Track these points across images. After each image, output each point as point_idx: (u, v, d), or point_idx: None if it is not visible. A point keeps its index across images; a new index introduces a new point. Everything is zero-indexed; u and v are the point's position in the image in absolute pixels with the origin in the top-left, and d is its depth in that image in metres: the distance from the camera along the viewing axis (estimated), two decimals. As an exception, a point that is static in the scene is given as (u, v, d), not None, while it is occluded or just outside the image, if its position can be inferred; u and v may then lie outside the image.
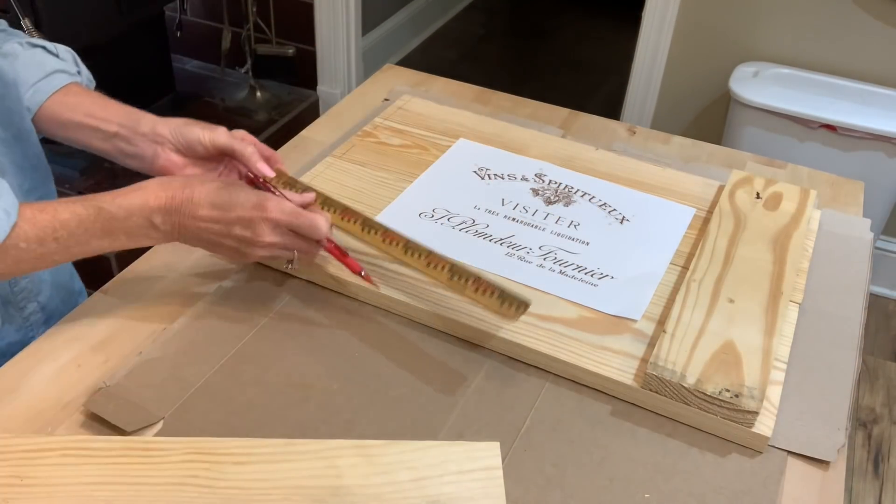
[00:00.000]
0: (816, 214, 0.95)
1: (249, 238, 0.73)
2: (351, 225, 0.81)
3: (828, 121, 1.72)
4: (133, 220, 0.72)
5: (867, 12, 1.80)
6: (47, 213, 0.70)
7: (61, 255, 0.71)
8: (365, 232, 0.80)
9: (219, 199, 0.72)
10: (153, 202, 0.72)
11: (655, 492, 0.65)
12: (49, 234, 0.69)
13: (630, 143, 1.10)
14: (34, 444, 0.64)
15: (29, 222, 0.69)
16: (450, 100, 1.16)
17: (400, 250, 0.78)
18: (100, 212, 0.71)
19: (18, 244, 0.68)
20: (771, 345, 0.74)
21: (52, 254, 0.70)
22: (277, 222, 0.73)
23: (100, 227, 0.71)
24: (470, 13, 3.44)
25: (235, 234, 0.73)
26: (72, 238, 0.70)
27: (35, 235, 0.69)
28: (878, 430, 1.78)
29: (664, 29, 1.98)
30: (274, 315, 0.79)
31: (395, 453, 0.64)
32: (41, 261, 0.71)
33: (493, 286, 0.73)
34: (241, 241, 0.73)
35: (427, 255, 0.77)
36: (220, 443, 0.65)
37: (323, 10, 2.42)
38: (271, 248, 0.75)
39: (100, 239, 0.71)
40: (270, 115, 2.43)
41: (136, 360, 0.74)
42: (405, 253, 0.78)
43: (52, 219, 0.69)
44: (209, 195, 0.73)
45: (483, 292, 0.73)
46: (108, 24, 2.07)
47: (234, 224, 0.73)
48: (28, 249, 0.69)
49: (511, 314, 0.72)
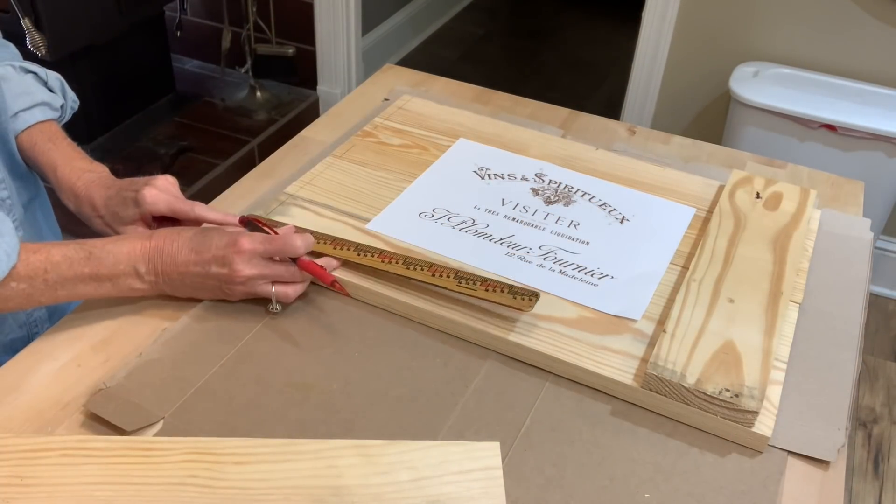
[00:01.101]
0: (816, 214, 0.95)
1: (227, 275, 0.75)
2: (345, 252, 0.82)
3: (828, 121, 1.72)
4: (119, 268, 0.74)
5: (867, 12, 1.80)
6: (41, 255, 0.72)
7: (47, 297, 0.73)
8: (361, 256, 0.81)
9: (195, 242, 0.75)
10: (139, 250, 0.75)
11: (655, 492, 0.65)
12: (40, 274, 0.72)
13: (630, 143, 1.10)
14: (34, 444, 0.64)
15: (23, 263, 0.71)
16: (450, 100, 1.16)
17: (401, 267, 0.80)
18: (90, 256, 0.73)
19: (10, 283, 0.71)
20: (771, 345, 0.74)
21: (39, 294, 0.73)
22: (252, 253, 0.75)
23: (88, 272, 0.73)
24: (470, 13, 3.44)
25: (213, 272, 0.75)
26: (59, 280, 0.72)
27: (26, 275, 0.71)
28: (878, 430, 1.78)
29: (664, 29, 1.98)
30: (274, 315, 0.79)
31: (395, 453, 0.64)
32: (27, 300, 0.73)
33: (503, 283, 0.77)
34: (220, 279, 0.76)
35: (430, 267, 0.79)
36: (220, 443, 0.65)
37: (323, 10, 2.42)
38: (251, 283, 0.76)
39: (85, 284, 0.74)
40: (270, 114, 2.43)
41: (137, 361, 0.74)
42: (407, 269, 0.80)
43: (45, 260, 0.72)
44: (188, 241, 0.76)
45: (494, 290, 0.77)
46: (108, 24, 2.07)
47: (211, 263, 0.75)
48: (17, 289, 0.71)
49: (525, 305, 0.75)
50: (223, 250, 0.75)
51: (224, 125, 2.37)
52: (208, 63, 2.62)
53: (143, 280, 0.76)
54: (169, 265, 0.75)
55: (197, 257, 0.75)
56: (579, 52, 3.21)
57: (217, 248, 0.75)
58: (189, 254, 0.75)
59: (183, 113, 2.39)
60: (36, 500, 0.60)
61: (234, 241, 0.75)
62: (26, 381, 0.72)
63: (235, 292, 0.77)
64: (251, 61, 2.50)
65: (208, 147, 2.26)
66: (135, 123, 2.30)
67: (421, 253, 0.85)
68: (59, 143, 0.89)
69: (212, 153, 2.24)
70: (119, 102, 2.26)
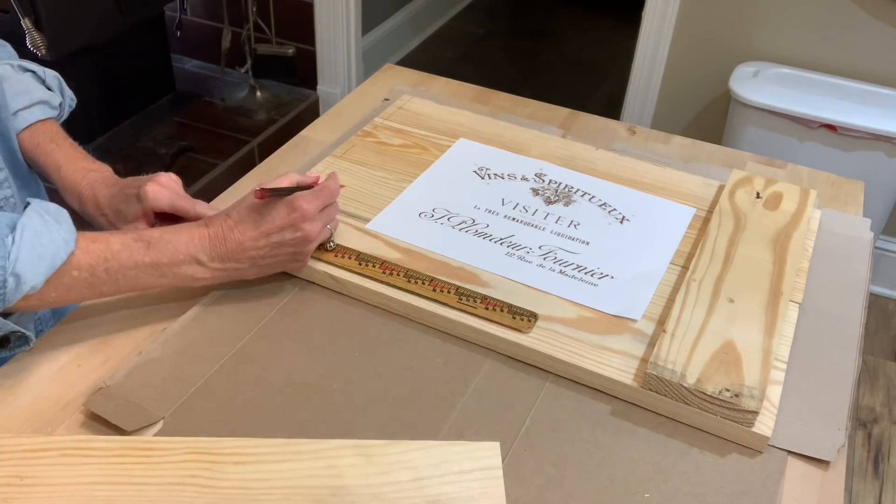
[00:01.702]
0: (816, 214, 0.95)
1: (301, 238, 0.77)
2: (347, 261, 0.83)
3: (828, 121, 1.72)
4: (179, 257, 0.74)
5: (867, 12, 1.80)
6: (100, 243, 0.71)
7: (109, 287, 0.73)
8: (363, 266, 0.82)
9: (254, 220, 0.76)
10: (197, 239, 0.75)
11: (655, 492, 0.65)
12: (100, 263, 0.71)
13: (630, 143, 1.10)
14: (34, 444, 0.64)
15: (82, 251, 0.70)
16: (450, 100, 1.16)
17: (402, 280, 0.81)
18: (149, 246, 0.73)
19: (71, 272, 0.69)
20: (771, 345, 0.74)
21: (101, 284, 0.72)
22: (314, 212, 0.77)
23: (148, 261, 0.73)
24: (470, 13, 3.44)
25: (287, 239, 0.76)
26: (121, 270, 0.72)
27: (87, 264, 0.70)
28: (878, 430, 1.78)
29: (664, 29, 1.98)
30: (274, 315, 0.79)
31: (395, 453, 0.64)
32: (90, 289, 0.72)
33: (502, 303, 0.78)
34: (294, 244, 0.77)
35: (431, 281, 0.80)
36: (220, 443, 0.65)
37: (323, 10, 2.42)
38: (320, 236, 0.80)
39: (146, 274, 0.73)
40: (270, 114, 2.43)
41: (136, 360, 0.74)
42: (408, 282, 0.80)
43: (105, 248, 0.71)
44: (246, 219, 0.76)
45: (494, 309, 0.78)
46: (108, 24, 2.07)
47: (282, 231, 0.76)
48: (79, 278, 0.70)
49: (524, 325, 0.76)
50: (288, 218, 0.76)
51: (224, 125, 2.37)
52: (208, 63, 2.62)
53: (205, 268, 0.75)
54: (235, 247, 0.75)
55: (265, 230, 0.75)
56: (579, 52, 3.21)
57: (281, 218, 0.76)
58: (254, 231, 0.75)
59: (183, 113, 2.39)
60: (36, 500, 0.60)
61: (295, 207, 0.76)
62: (26, 381, 0.72)
63: (307, 252, 0.79)
64: (251, 61, 2.50)
65: (208, 147, 2.26)
66: (135, 123, 2.30)
67: (421, 254, 0.85)
68: (62, 144, 0.89)
69: (212, 153, 2.24)
70: (119, 102, 2.26)
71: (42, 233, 0.67)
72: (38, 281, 0.67)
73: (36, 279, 0.66)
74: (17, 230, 0.66)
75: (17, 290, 0.66)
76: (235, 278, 0.78)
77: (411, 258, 0.84)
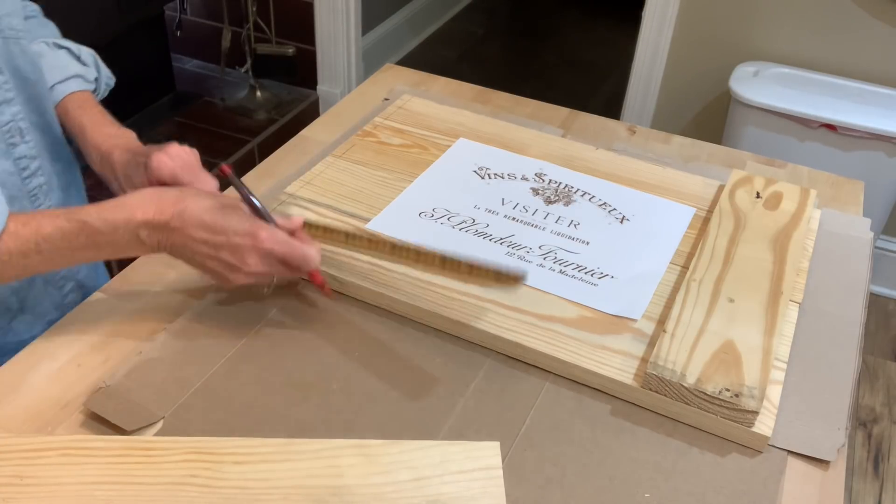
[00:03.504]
0: (816, 214, 0.95)
1: (235, 265, 0.72)
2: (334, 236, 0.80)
3: (828, 120, 1.72)
4: (118, 234, 0.71)
5: (867, 12, 1.80)
6: (30, 228, 0.70)
7: (45, 266, 0.73)
8: (350, 241, 0.79)
9: (211, 220, 0.71)
10: (139, 216, 0.71)
11: (655, 491, 0.65)
12: (32, 248, 0.70)
13: (630, 142, 1.10)
14: (34, 444, 0.64)
15: (11, 236, 0.69)
16: (450, 99, 1.16)
17: (387, 250, 0.77)
18: (83, 226, 0.70)
19: (1, 257, 0.69)
20: (771, 344, 0.74)
21: (35, 265, 0.72)
22: (270, 253, 0.72)
23: (83, 241, 0.71)
24: (470, 13, 3.44)
25: (223, 258, 0.72)
26: (55, 251, 0.71)
27: (17, 249, 0.70)
28: (878, 430, 1.78)
29: (664, 29, 1.98)
30: (274, 315, 0.79)
31: (395, 453, 0.64)
32: (24, 271, 0.72)
33: (486, 264, 0.73)
34: (226, 265, 0.72)
35: (415, 250, 0.75)
36: (220, 443, 0.65)
37: (323, 10, 2.42)
38: (255, 277, 0.74)
39: (84, 251, 0.72)
40: (270, 114, 2.43)
41: (136, 360, 0.74)
42: (392, 253, 0.77)
43: (35, 233, 0.70)
44: (202, 214, 0.71)
45: (478, 271, 0.73)
46: (108, 24, 2.07)
47: (223, 248, 0.71)
48: (10, 262, 0.70)
49: (510, 282, 0.73)
50: (241, 238, 0.71)
51: (224, 125, 2.37)
52: (208, 63, 2.62)
53: (144, 245, 0.72)
54: (176, 234, 0.71)
55: (209, 236, 0.71)
56: (579, 52, 3.21)
57: (234, 235, 0.71)
58: (200, 230, 0.71)
59: (183, 113, 2.39)
60: (36, 500, 0.60)
61: (254, 233, 0.71)
62: (26, 381, 0.72)
63: (236, 280, 0.74)
64: (251, 61, 2.50)
65: (208, 147, 2.26)
66: (135, 123, 2.28)
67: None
68: (90, 109, 0.90)
69: (212, 153, 2.24)
70: (119, 102, 2.25)
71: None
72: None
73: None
74: None
75: None
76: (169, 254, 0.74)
77: (411, 258, 0.84)
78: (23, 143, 0.81)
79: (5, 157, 0.78)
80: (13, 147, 0.79)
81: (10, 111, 0.79)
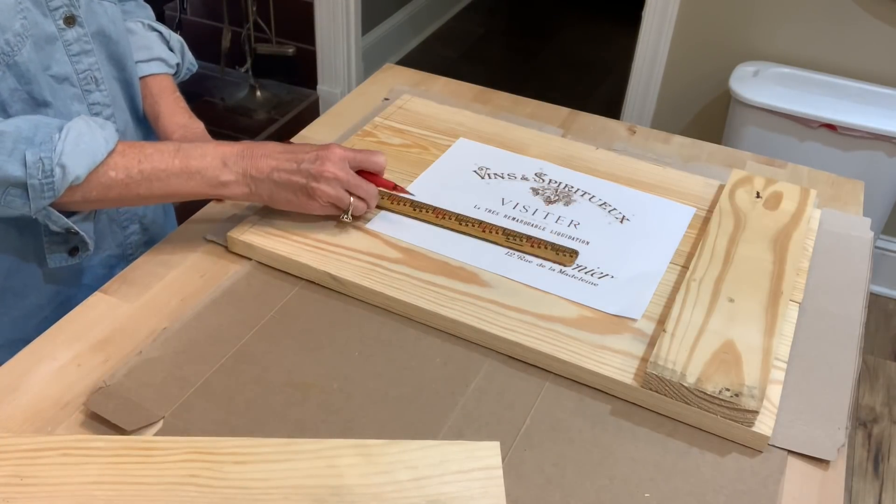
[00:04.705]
0: (816, 214, 0.95)
1: (316, 170, 0.81)
2: (401, 207, 0.90)
3: (828, 120, 1.72)
4: (207, 160, 0.80)
5: (867, 12, 1.80)
6: (135, 148, 0.80)
7: (145, 189, 0.80)
8: (417, 212, 0.90)
9: (285, 146, 0.83)
10: (227, 148, 0.82)
11: (655, 491, 0.65)
12: (134, 164, 0.79)
13: (630, 142, 1.10)
14: (34, 444, 0.64)
15: (119, 153, 0.79)
16: (450, 99, 1.16)
17: (454, 223, 0.88)
18: (178, 148, 0.81)
19: (109, 172, 0.78)
20: (771, 344, 0.74)
21: (136, 185, 0.79)
22: (343, 157, 0.83)
23: (178, 166, 0.80)
24: (470, 13, 3.44)
25: (303, 168, 0.81)
26: (154, 172, 0.79)
27: (123, 165, 0.78)
28: (878, 430, 1.78)
29: (664, 29, 1.98)
30: (274, 315, 0.79)
31: (395, 453, 0.64)
32: (127, 190, 0.79)
33: (546, 241, 0.87)
34: (309, 175, 0.81)
35: (480, 224, 0.88)
36: (220, 442, 0.65)
37: (323, 10, 2.42)
38: (335, 183, 0.82)
39: (178, 178, 0.80)
40: (270, 114, 2.44)
41: (136, 360, 0.74)
42: (460, 224, 0.88)
43: (139, 152, 0.79)
44: (277, 145, 0.84)
45: (538, 246, 0.86)
46: (108, 24, 2.07)
47: (302, 159, 0.81)
48: (116, 178, 0.78)
49: (566, 260, 0.85)
50: (315, 150, 0.82)
51: (224, 125, 2.37)
52: (208, 63, 2.62)
53: (230, 171, 0.81)
54: (259, 158, 0.82)
55: (289, 154, 0.82)
56: (579, 52, 3.21)
57: (310, 149, 0.83)
58: (280, 152, 0.82)
59: (183, 113, 2.38)
60: (36, 499, 0.60)
61: (327, 146, 0.83)
62: (26, 381, 0.72)
63: (319, 192, 0.82)
64: (251, 61, 2.50)
65: (208, 147, 2.26)
66: (135, 123, 2.30)
67: (422, 254, 0.85)
68: (166, 97, 0.98)
69: (212, 153, 2.23)
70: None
71: (85, 133, 0.76)
72: (80, 172, 0.75)
73: (79, 170, 0.75)
74: (63, 129, 0.76)
75: (64, 179, 0.74)
76: (254, 191, 0.83)
77: (411, 258, 0.84)
78: (97, 91, 0.87)
79: (80, 101, 0.85)
80: (88, 93, 0.86)
81: (88, 61, 0.85)
